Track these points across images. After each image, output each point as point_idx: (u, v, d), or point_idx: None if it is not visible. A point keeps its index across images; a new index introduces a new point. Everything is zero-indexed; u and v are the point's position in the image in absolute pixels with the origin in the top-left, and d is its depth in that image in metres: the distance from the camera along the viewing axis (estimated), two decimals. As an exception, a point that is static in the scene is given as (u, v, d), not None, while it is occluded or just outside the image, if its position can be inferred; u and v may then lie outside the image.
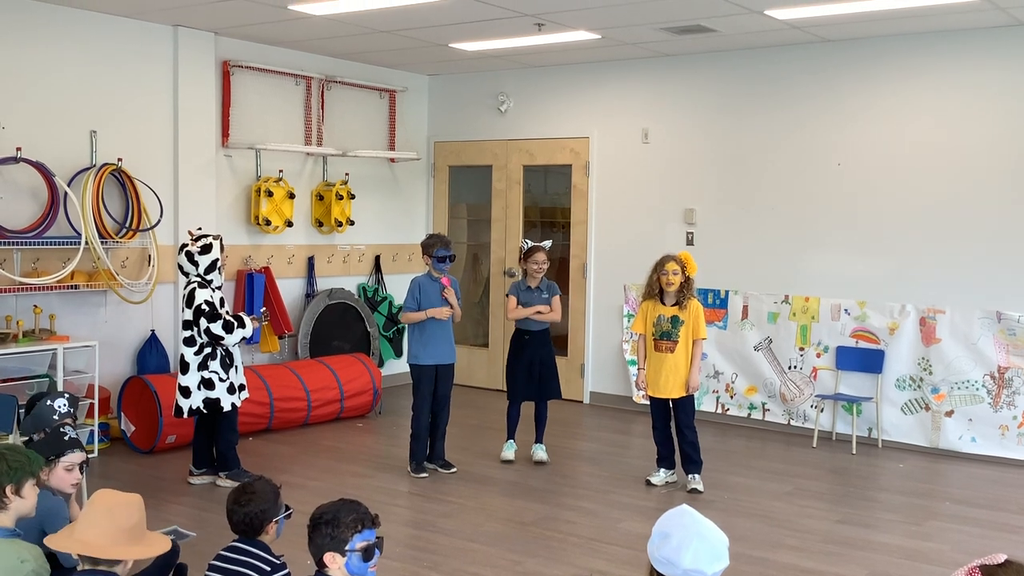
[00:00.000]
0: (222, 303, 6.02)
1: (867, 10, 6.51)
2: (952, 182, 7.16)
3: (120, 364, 7.29)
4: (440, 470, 6.54)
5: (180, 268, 6.09)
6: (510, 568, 4.80)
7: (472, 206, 9.96)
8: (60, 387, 6.26)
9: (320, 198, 8.72)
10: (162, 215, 7.31)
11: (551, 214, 9.54)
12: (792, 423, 7.81)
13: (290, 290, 8.54)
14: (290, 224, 8.30)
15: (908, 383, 7.32)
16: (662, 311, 6.16)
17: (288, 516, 3.42)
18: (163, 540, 2.97)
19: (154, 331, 7.44)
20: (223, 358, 6.05)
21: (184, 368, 5.98)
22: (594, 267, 8.89)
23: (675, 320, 6.12)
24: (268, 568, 3.22)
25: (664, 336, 6.14)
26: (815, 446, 7.38)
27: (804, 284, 7.76)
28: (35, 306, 6.60)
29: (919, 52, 7.27)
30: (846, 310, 7.55)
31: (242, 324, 6.00)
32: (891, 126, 7.40)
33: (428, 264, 6.48)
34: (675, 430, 6.26)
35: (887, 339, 7.36)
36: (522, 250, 6.75)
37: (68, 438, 3.77)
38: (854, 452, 7.19)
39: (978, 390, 7.02)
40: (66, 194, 6.73)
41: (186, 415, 6.01)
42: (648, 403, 6.43)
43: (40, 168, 6.61)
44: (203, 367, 5.98)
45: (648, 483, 6.29)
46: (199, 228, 6.45)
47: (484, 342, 9.65)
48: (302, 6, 6.71)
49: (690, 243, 8.23)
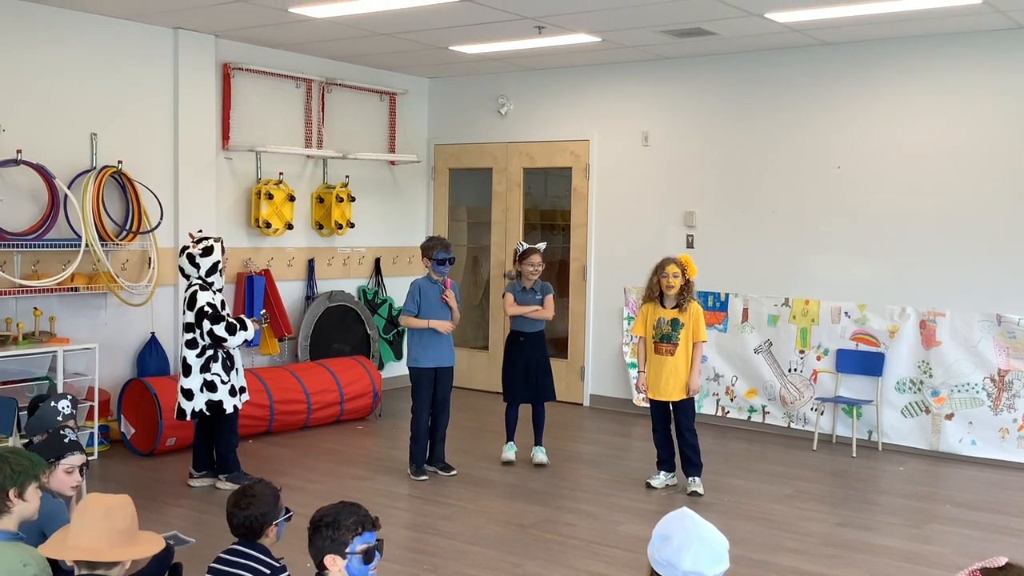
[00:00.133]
0: (223, 305, 6.02)
1: (867, 13, 6.51)
2: (952, 185, 7.17)
3: (120, 366, 7.29)
4: (440, 473, 6.54)
5: (181, 270, 6.09)
6: (510, 571, 4.80)
7: (472, 209, 9.97)
8: (60, 390, 6.26)
9: (320, 200, 8.73)
10: (162, 217, 7.32)
11: (551, 217, 9.54)
12: (792, 426, 7.81)
13: (290, 292, 8.55)
14: (290, 226, 8.30)
15: (908, 386, 7.32)
16: (662, 314, 6.16)
17: (288, 519, 3.42)
18: (156, 538, 2.96)
19: (154, 333, 7.44)
20: (224, 360, 6.05)
21: (186, 370, 5.98)
22: (594, 270, 8.89)
23: (675, 323, 6.12)
24: (268, 571, 3.22)
25: (664, 339, 6.14)
26: (815, 449, 7.38)
27: (804, 287, 7.76)
28: (35, 308, 6.61)
29: (919, 55, 7.28)
30: (846, 313, 7.55)
31: (244, 326, 6.01)
32: (891, 129, 7.40)
33: (428, 267, 6.48)
34: (675, 433, 6.26)
35: (887, 342, 7.36)
36: (517, 252, 6.75)
37: (68, 440, 3.77)
38: (854, 455, 7.19)
39: (978, 393, 7.02)
40: (66, 196, 6.74)
41: (189, 417, 6.01)
42: (648, 406, 6.43)
43: (40, 170, 6.61)
44: (205, 369, 5.98)
45: (648, 486, 6.29)
46: (200, 230, 6.46)
47: (484, 345, 9.65)
48: (302, 9, 6.72)
49: (690, 246, 8.24)
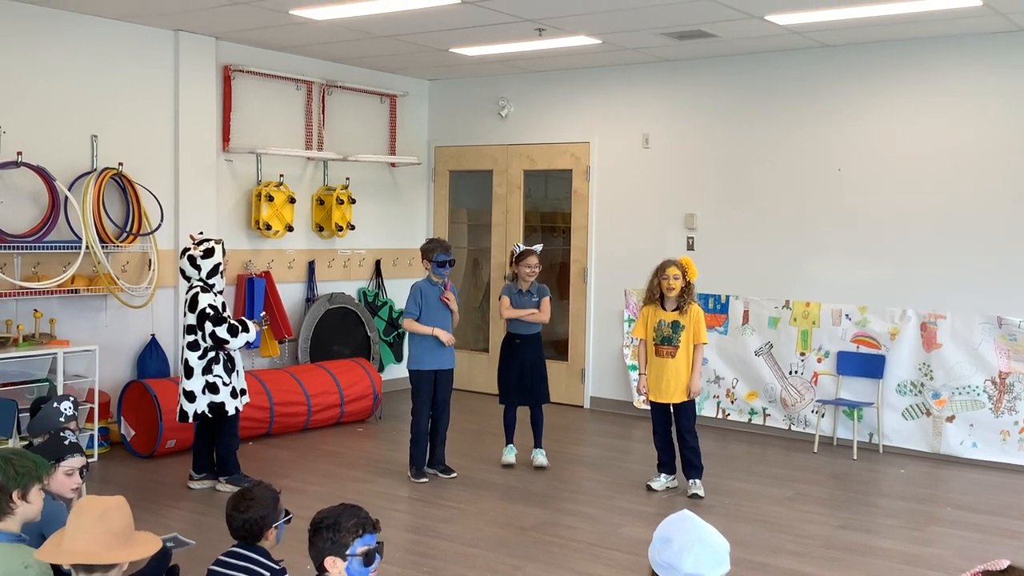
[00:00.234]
0: (224, 307, 6.01)
1: (867, 15, 6.51)
2: (953, 186, 7.16)
3: (120, 368, 7.28)
4: (440, 475, 6.53)
5: (182, 272, 6.09)
6: (510, 573, 4.79)
7: (472, 211, 9.96)
8: (60, 391, 6.26)
9: (321, 202, 8.72)
10: (163, 219, 7.31)
11: (551, 219, 9.54)
12: (793, 428, 7.80)
13: (290, 295, 8.54)
14: (290, 228, 8.30)
15: (909, 388, 7.31)
16: (663, 316, 6.15)
17: (288, 521, 3.41)
18: (153, 539, 2.95)
19: (154, 335, 7.43)
20: (226, 362, 6.04)
21: (188, 372, 5.97)
22: (595, 272, 8.88)
23: (676, 325, 6.11)
24: (268, 573, 3.22)
25: (665, 341, 6.14)
26: (816, 451, 7.38)
27: (805, 289, 7.75)
28: (35, 310, 6.60)
29: (919, 57, 7.27)
30: (847, 315, 7.54)
31: (246, 328, 6.00)
32: (891, 131, 7.40)
33: (428, 269, 6.47)
34: (676, 435, 6.26)
35: (888, 344, 7.36)
36: (513, 254, 6.72)
37: (68, 442, 3.77)
38: (855, 457, 7.18)
39: (979, 395, 7.01)
40: (67, 198, 6.73)
41: (191, 419, 6.00)
42: (649, 408, 6.42)
43: (41, 172, 6.61)
44: (207, 371, 5.97)
45: (649, 488, 6.29)
46: (201, 232, 6.46)
47: (484, 347, 9.65)
48: (303, 11, 6.72)
49: (691, 248, 8.23)
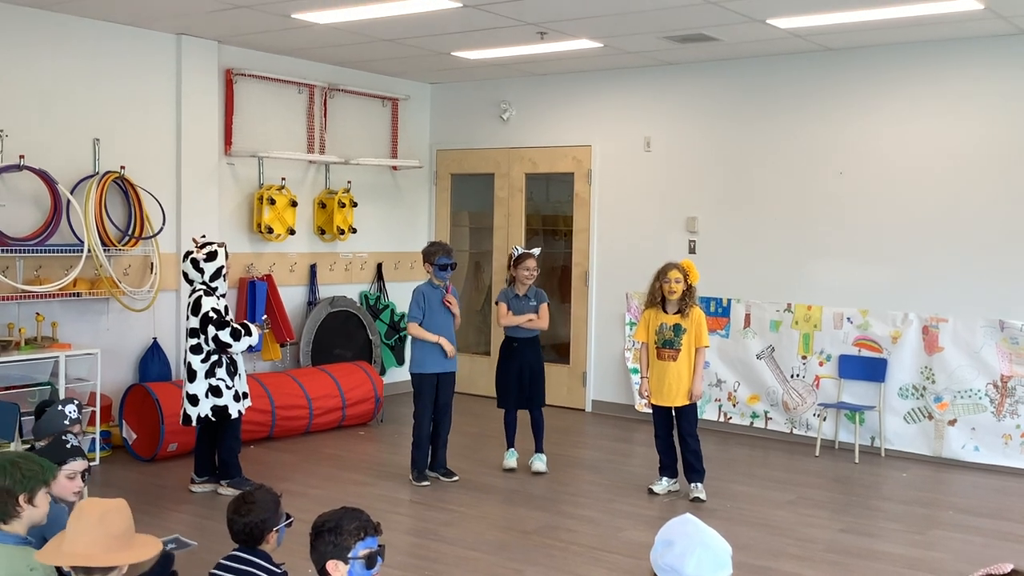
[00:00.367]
0: (226, 311, 6.02)
1: (869, 19, 6.51)
2: (955, 190, 7.16)
3: (122, 372, 7.28)
4: (442, 478, 6.53)
5: (185, 276, 6.09)
6: (512, 577, 4.79)
7: (474, 214, 9.97)
8: (62, 395, 6.26)
9: (322, 206, 8.73)
10: (164, 223, 7.32)
11: (553, 222, 9.54)
12: (795, 432, 7.80)
13: (292, 298, 8.54)
14: (292, 232, 8.31)
15: (911, 392, 7.31)
16: (664, 319, 6.15)
17: (289, 525, 3.41)
18: (153, 541, 2.94)
19: (156, 339, 7.44)
20: (228, 365, 6.05)
21: (191, 376, 5.98)
22: (596, 275, 8.88)
23: (677, 328, 6.11)
24: (269, 577, 3.22)
25: (666, 344, 6.14)
26: (818, 455, 7.37)
27: (806, 292, 7.75)
28: (37, 314, 6.61)
29: (921, 60, 7.28)
30: (848, 318, 7.54)
31: (248, 332, 6.01)
32: (893, 134, 7.40)
33: (429, 272, 6.47)
34: (677, 439, 6.26)
35: (890, 348, 7.35)
36: (512, 257, 6.71)
37: (70, 446, 3.77)
38: (857, 461, 7.18)
39: (981, 399, 7.01)
40: (69, 202, 6.74)
41: (194, 423, 6.01)
42: (650, 411, 6.42)
43: (43, 176, 6.61)
44: (210, 375, 5.98)
45: (650, 492, 6.28)
46: (203, 236, 6.46)
47: (486, 350, 9.65)
48: (305, 15, 6.73)
49: (692, 251, 8.23)
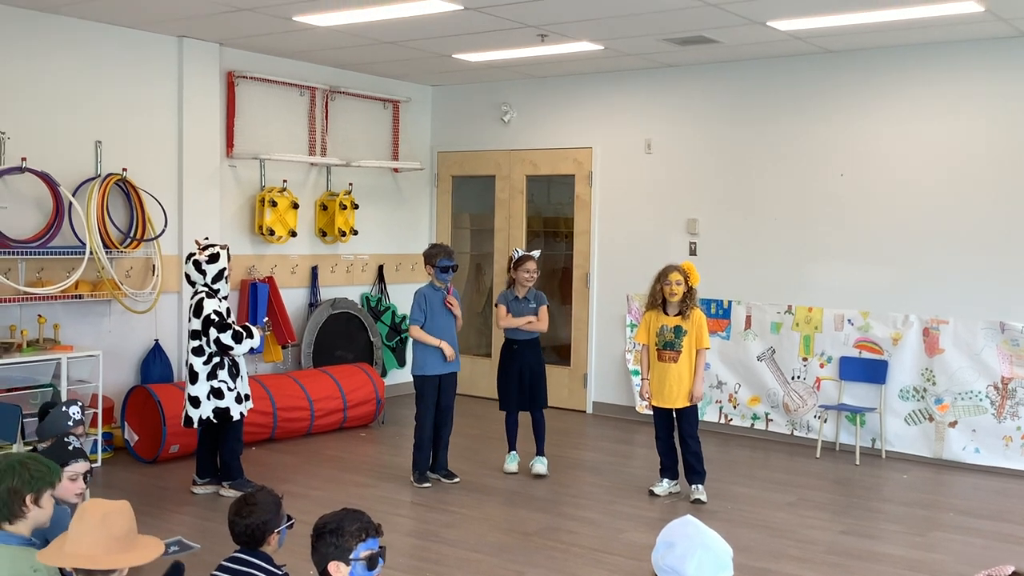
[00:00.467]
0: (229, 313, 6.03)
1: (870, 21, 6.52)
2: (955, 192, 7.16)
3: (124, 374, 7.30)
4: (443, 480, 6.54)
5: (187, 277, 6.10)
6: (513, 578, 4.80)
7: (475, 216, 9.97)
8: (64, 397, 6.27)
9: (324, 208, 8.74)
10: (166, 225, 7.33)
11: (554, 224, 9.55)
12: (795, 433, 7.80)
13: (293, 300, 8.55)
14: (294, 234, 8.32)
15: (911, 394, 7.31)
16: (665, 321, 6.16)
17: (290, 526, 3.42)
18: (156, 543, 2.94)
19: (158, 341, 7.45)
20: (230, 367, 6.06)
21: (193, 378, 5.99)
22: (597, 277, 8.89)
23: (678, 330, 6.12)
24: (271, 578, 3.22)
25: (667, 346, 6.14)
26: (818, 456, 7.37)
27: (807, 294, 7.75)
28: (39, 315, 6.62)
29: (922, 63, 7.28)
30: (849, 320, 7.55)
31: (250, 335, 6.02)
32: (894, 136, 7.40)
33: (431, 274, 6.47)
34: (678, 440, 6.26)
35: (890, 349, 7.36)
36: (512, 259, 6.72)
37: (72, 448, 3.78)
38: (857, 463, 7.18)
39: (981, 401, 7.01)
40: (71, 204, 6.75)
41: (196, 425, 6.01)
42: (651, 413, 6.42)
43: (45, 178, 6.63)
44: (212, 376, 5.99)
45: (651, 493, 6.29)
46: (206, 238, 6.47)
47: (487, 352, 9.65)
48: (306, 17, 6.74)
49: (693, 253, 8.24)
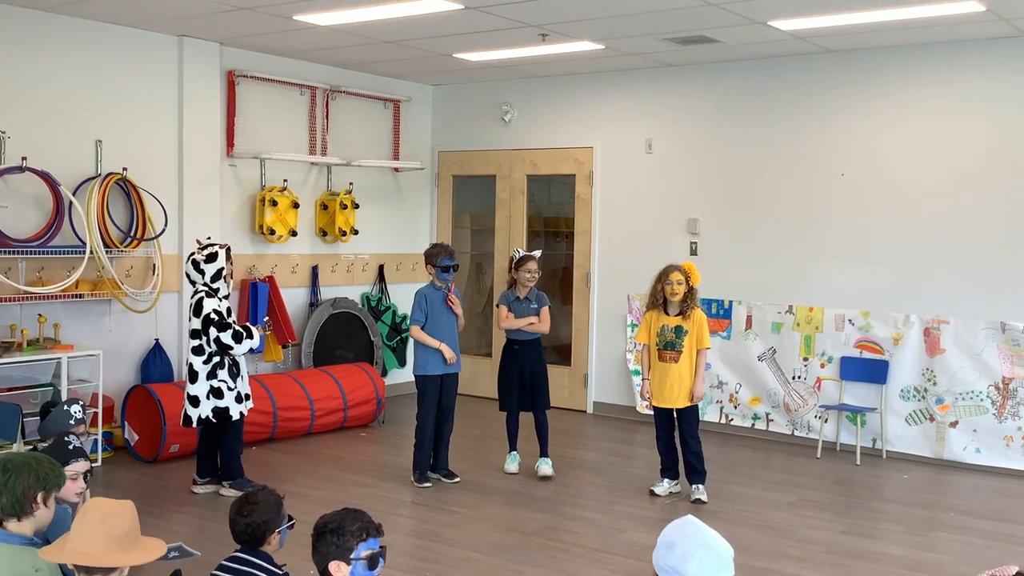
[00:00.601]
0: (229, 312, 6.03)
1: (870, 21, 6.52)
2: (956, 192, 7.16)
3: (124, 373, 7.29)
4: (444, 480, 6.54)
5: (187, 277, 6.10)
6: (513, 578, 4.80)
7: (476, 216, 9.97)
8: (64, 396, 6.27)
9: (324, 207, 8.74)
10: (167, 224, 7.33)
11: (555, 224, 9.54)
12: (796, 433, 7.80)
13: (294, 299, 8.55)
14: (294, 233, 8.32)
15: (912, 394, 7.31)
16: (666, 321, 6.16)
17: (291, 526, 3.41)
18: (158, 544, 2.94)
19: (158, 340, 7.45)
20: (230, 367, 6.06)
21: (193, 377, 5.99)
22: (597, 277, 8.89)
23: (679, 330, 6.12)
24: (271, 578, 3.22)
25: (668, 346, 6.14)
26: (819, 456, 7.37)
27: (808, 294, 7.75)
28: (39, 315, 6.62)
29: (923, 63, 7.28)
30: (850, 320, 7.54)
31: (250, 334, 6.02)
32: (894, 136, 7.40)
33: (431, 274, 6.47)
34: (679, 440, 6.26)
35: (891, 349, 7.35)
36: (513, 259, 6.71)
37: (72, 447, 3.78)
38: (858, 463, 7.18)
39: (982, 401, 7.01)
40: (71, 203, 6.75)
41: (195, 424, 6.01)
42: (651, 413, 6.42)
43: (45, 177, 6.63)
44: (212, 376, 5.98)
45: (652, 493, 6.29)
46: (208, 238, 6.47)
47: (487, 352, 9.65)
48: (307, 16, 6.74)
49: (694, 253, 8.23)
